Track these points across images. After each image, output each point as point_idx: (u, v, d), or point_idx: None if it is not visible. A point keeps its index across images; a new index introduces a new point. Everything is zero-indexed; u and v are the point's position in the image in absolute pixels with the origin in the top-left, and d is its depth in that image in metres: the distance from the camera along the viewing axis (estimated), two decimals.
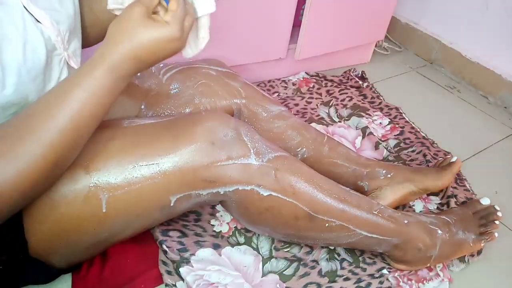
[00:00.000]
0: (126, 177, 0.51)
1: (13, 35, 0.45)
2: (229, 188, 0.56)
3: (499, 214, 0.76)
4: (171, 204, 0.55)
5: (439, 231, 0.70)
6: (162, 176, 0.52)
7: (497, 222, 0.75)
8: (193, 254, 0.69)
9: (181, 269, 0.66)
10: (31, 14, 0.48)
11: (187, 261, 0.68)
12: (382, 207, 0.68)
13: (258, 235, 0.76)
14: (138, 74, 0.59)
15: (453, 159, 0.88)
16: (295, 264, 0.71)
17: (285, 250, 0.74)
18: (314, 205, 0.61)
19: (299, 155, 0.82)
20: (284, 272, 0.71)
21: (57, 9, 0.51)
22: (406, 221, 0.68)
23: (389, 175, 0.82)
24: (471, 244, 0.73)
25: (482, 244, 0.74)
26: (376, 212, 0.66)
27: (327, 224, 0.62)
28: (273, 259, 0.72)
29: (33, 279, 0.60)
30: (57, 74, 0.52)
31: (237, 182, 0.56)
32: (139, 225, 0.58)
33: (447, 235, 0.71)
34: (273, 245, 0.74)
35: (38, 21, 0.48)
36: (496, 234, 0.74)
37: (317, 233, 0.64)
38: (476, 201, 0.79)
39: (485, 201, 0.78)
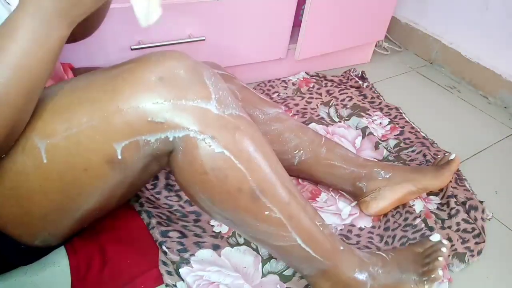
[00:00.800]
0: (62, 122, 0.47)
1: None
2: (178, 133, 0.48)
3: (444, 249, 0.65)
4: (118, 156, 0.48)
5: (372, 268, 0.64)
6: (100, 119, 0.47)
7: (440, 259, 0.64)
8: (192, 255, 0.69)
9: (180, 270, 0.66)
10: None
11: (186, 262, 0.68)
12: (325, 223, 0.62)
13: None
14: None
15: (452, 157, 0.88)
16: None
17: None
18: (262, 184, 0.53)
19: (297, 157, 0.82)
20: (284, 273, 0.70)
21: None
22: (342, 248, 0.62)
23: (387, 176, 0.82)
24: (412, 286, 0.63)
25: (426, 286, 0.63)
26: (318, 224, 0.60)
27: (266, 212, 0.55)
28: (272, 260, 0.72)
29: (3, 257, 0.58)
30: None
31: (189, 127, 0.48)
32: (94, 187, 0.51)
33: (380, 273, 0.63)
34: None
35: (8, 3, 0.47)
36: (440, 273, 0.62)
37: (253, 220, 0.55)
38: (426, 239, 0.70)
39: (435, 238, 0.69)
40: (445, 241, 0.68)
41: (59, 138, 0.47)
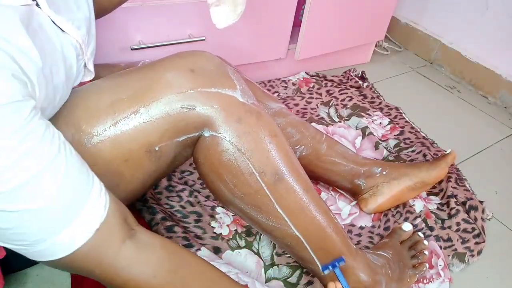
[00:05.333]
0: (106, 118, 0.49)
1: (58, 59, 0.44)
2: (208, 118, 0.52)
3: (426, 242, 0.74)
4: (156, 149, 0.52)
5: (383, 270, 0.66)
6: (141, 110, 0.50)
7: (426, 252, 0.72)
8: (198, 249, 0.70)
9: None
10: (58, 26, 0.47)
11: None
12: (337, 223, 0.64)
13: (259, 239, 0.75)
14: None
15: (447, 151, 0.89)
16: (297, 273, 0.71)
17: (287, 255, 0.74)
18: (286, 164, 0.57)
19: (298, 153, 0.82)
20: (288, 280, 0.70)
21: (75, 13, 0.51)
22: (354, 247, 0.65)
23: (384, 172, 0.83)
24: (408, 280, 0.70)
25: (415, 278, 0.71)
26: (333, 216, 0.63)
27: (288, 195, 0.58)
28: (275, 266, 0.72)
29: None
30: (78, 79, 0.52)
31: (218, 111, 0.52)
32: (131, 177, 0.53)
33: (389, 273, 0.67)
34: (275, 251, 0.74)
35: (64, 31, 0.47)
36: (427, 265, 0.71)
37: (275, 203, 0.57)
38: (398, 229, 0.76)
39: (407, 227, 0.75)
40: (420, 234, 0.75)
41: (104, 134, 0.49)
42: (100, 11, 0.63)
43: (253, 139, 0.54)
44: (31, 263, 0.65)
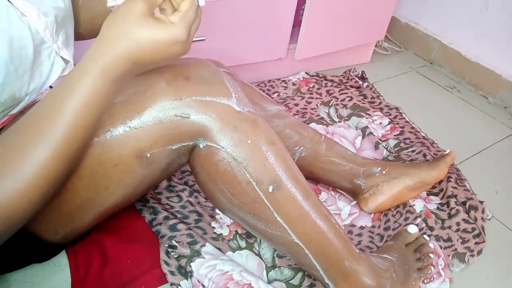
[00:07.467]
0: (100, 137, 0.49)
1: None
2: (203, 127, 0.52)
3: (431, 245, 0.73)
4: (147, 155, 0.52)
5: (388, 273, 0.66)
6: (133, 116, 0.50)
7: (432, 255, 0.72)
8: (203, 245, 0.70)
9: (192, 264, 0.66)
10: (17, 8, 0.46)
11: (198, 254, 0.68)
12: (338, 228, 0.62)
13: (260, 241, 0.75)
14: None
15: (447, 151, 0.89)
16: (300, 275, 0.71)
17: (288, 257, 0.73)
18: (284, 173, 0.56)
19: (297, 154, 0.82)
20: (290, 282, 0.70)
21: (42, 0, 0.50)
22: (358, 251, 0.64)
23: (384, 171, 0.83)
24: (413, 283, 0.69)
25: (420, 282, 0.70)
26: (334, 222, 0.61)
27: (286, 204, 0.57)
28: (277, 268, 0.71)
29: (25, 253, 0.59)
30: (48, 67, 0.51)
31: (212, 121, 0.51)
32: (121, 182, 0.53)
33: (394, 276, 0.66)
34: (276, 253, 0.74)
35: (24, 15, 0.47)
36: (432, 268, 0.71)
37: (273, 213, 0.56)
38: (404, 231, 0.76)
39: (412, 230, 0.75)
40: (426, 236, 0.75)
41: (93, 138, 0.49)
42: (80, 37, 0.64)
43: (249, 148, 0.53)
44: (30, 262, 0.65)
